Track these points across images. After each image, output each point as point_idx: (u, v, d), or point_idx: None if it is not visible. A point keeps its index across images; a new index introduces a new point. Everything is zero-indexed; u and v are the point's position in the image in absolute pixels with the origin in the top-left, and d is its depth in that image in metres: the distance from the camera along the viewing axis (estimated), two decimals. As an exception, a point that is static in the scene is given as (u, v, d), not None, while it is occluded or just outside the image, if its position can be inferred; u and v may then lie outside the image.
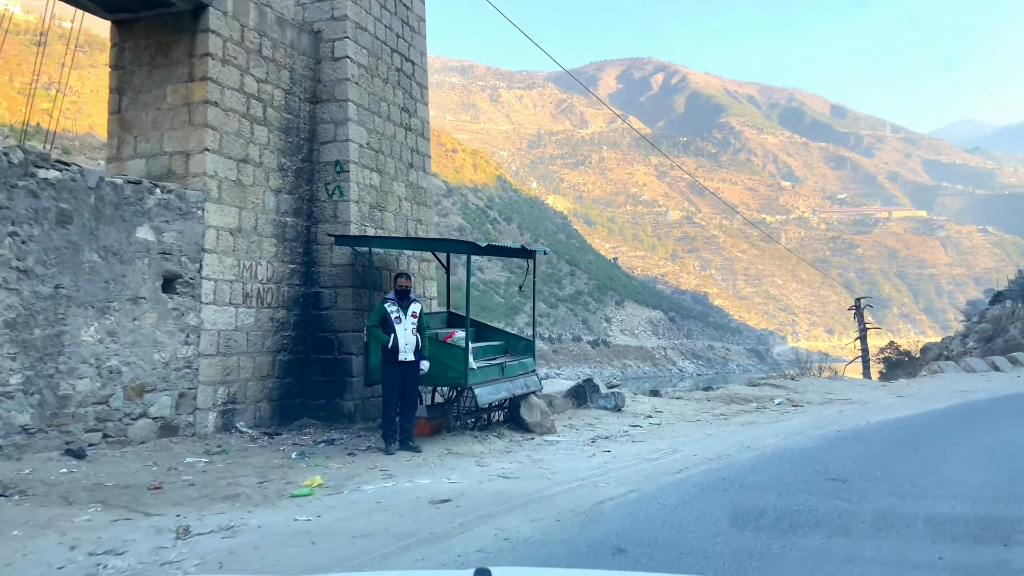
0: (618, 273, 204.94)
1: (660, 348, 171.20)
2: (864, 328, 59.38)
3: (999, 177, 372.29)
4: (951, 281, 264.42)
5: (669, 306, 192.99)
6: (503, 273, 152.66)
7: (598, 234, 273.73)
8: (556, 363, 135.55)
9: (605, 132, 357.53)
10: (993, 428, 8.96)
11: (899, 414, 10.24)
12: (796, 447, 7.69)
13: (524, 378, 8.69)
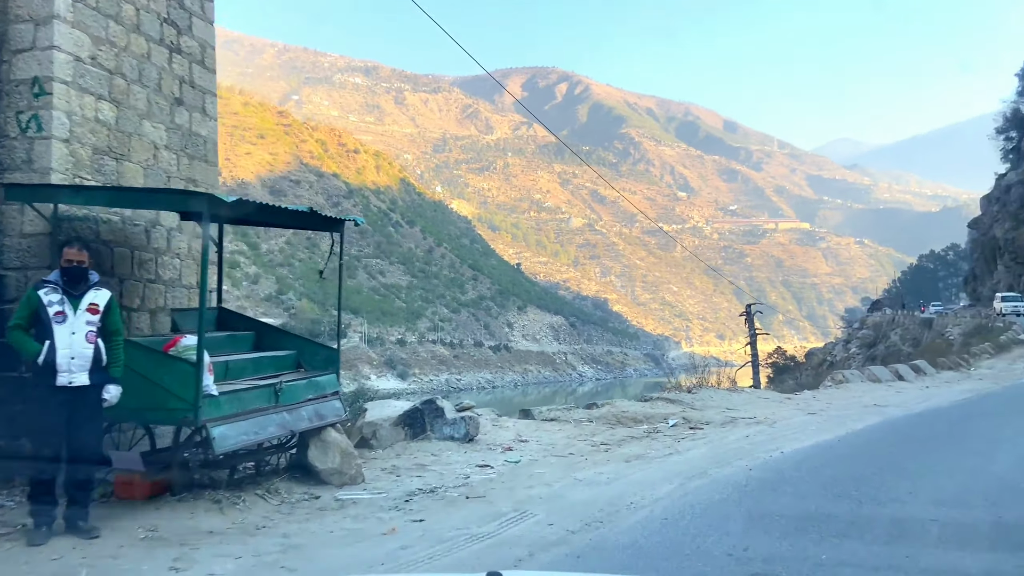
0: (521, 279, 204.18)
1: (561, 353, 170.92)
2: (754, 333, 59.13)
3: (874, 193, 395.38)
4: (831, 289, 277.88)
5: (570, 312, 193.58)
6: (405, 277, 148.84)
7: (502, 239, 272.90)
8: (457, 369, 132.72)
9: (510, 139, 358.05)
10: (936, 457, 6.82)
11: (816, 439, 8.02)
12: (697, 503, 5.22)
13: (316, 405, 5.75)
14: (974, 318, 43.94)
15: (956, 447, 7.83)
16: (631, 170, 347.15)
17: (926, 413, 10.95)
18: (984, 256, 70.86)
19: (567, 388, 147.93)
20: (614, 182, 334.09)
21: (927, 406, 11.90)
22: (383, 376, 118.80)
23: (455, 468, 6.51)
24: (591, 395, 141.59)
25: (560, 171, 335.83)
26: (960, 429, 9.15)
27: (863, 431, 9.15)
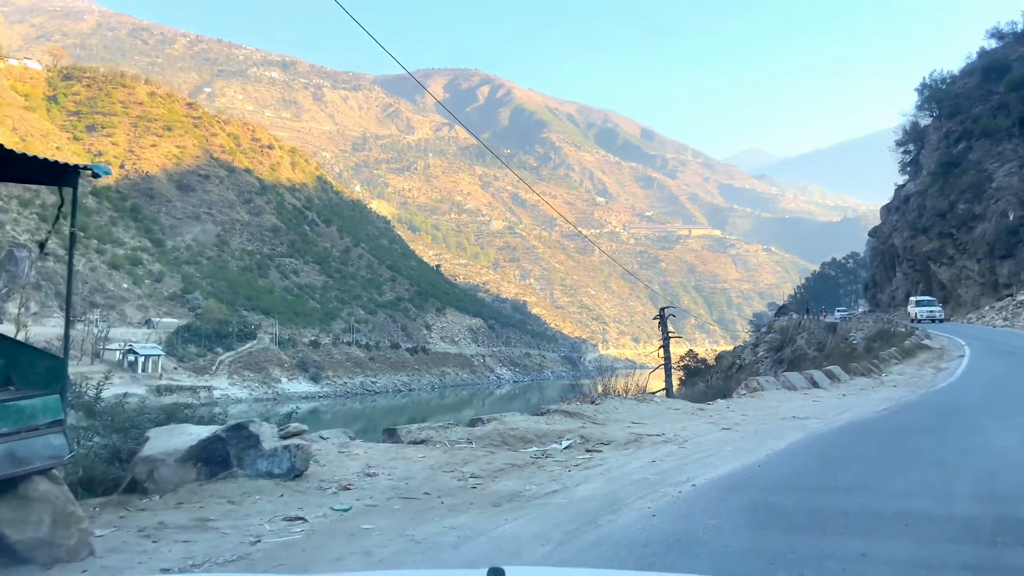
0: (440, 280, 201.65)
1: (479, 355, 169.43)
2: (667, 337, 58.82)
3: (781, 202, 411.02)
4: (740, 295, 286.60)
5: (489, 314, 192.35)
6: (320, 277, 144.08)
7: (422, 241, 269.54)
8: (372, 371, 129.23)
9: (431, 139, 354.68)
10: (879, 494, 5.33)
11: (734, 463, 6.50)
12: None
13: (10, 444, 3.67)
14: (876, 323, 44.52)
15: (899, 476, 6.43)
16: (551, 174, 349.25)
17: (850, 428, 9.67)
18: (883, 263, 73.21)
19: (485, 390, 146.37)
20: (535, 186, 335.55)
21: (849, 418, 10.67)
22: (295, 379, 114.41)
23: (252, 524, 4.62)
24: (508, 397, 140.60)
25: (481, 173, 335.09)
26: (895, 449, 7.84)
27: (786, 452, 7.69)
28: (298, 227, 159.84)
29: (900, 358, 25.31)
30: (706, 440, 8.39)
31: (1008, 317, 42.59)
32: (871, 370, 19.74)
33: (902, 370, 21.41)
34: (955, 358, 25.04)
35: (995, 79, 62.50)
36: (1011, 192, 49.32)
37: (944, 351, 27.76)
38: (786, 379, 14.17)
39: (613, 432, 8.58)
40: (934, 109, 71.16)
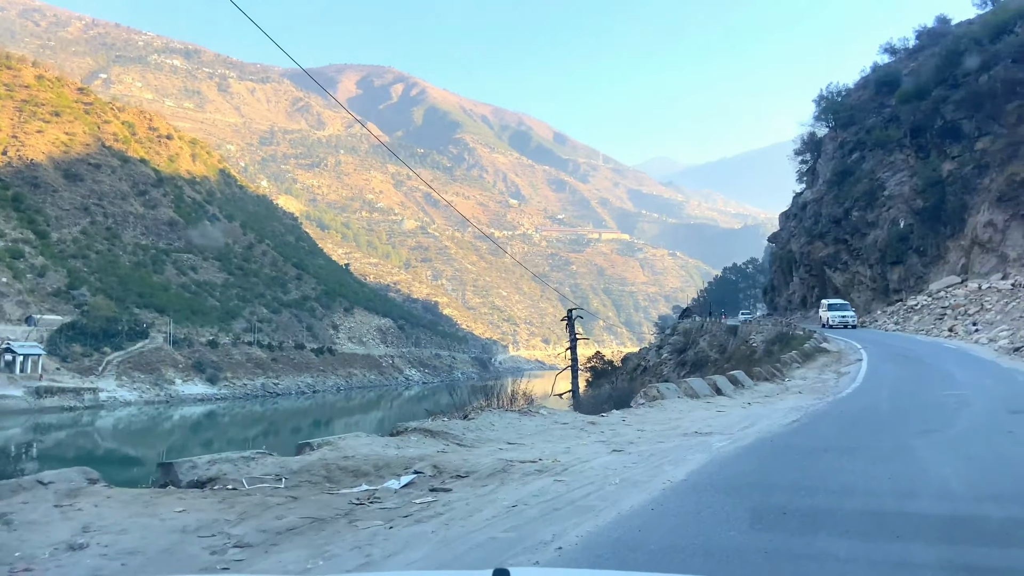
0: (349, 279, 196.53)
1: (388, 356, 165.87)
2: (575, 338, 57.82)
3: (687, 209, 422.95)
4: (647, 297, 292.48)
5: (399, 314, 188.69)
6: (221, 275, 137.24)
7: (331, 239, 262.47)
8: (275, 373, 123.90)
9: (343, 136, 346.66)
10: (799, 556, 3.66)
11: (620, 507, 4.82)
12: None
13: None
14: (775, 326, 44.74)
15: (824, 526, 4.85)
16: (465, 175, 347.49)
17: (759, 448, 8.21)
18: (781, 268, 74.91)
19: (393, 392, 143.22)
20: (448, 186, 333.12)
21: (757, 434, 9.26)
22: (190, 380, 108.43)
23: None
24: (417, 399, 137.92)
25: (394, 172, 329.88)
26: (814, 479, 6.35)
27: (685, 486, 6.07)
28: (198, 221, 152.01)
29: (801, 362, 24.73)
30: (591, 468, 6.71)
31: (899, 321, 43.55)
32: (774, 375, 18.80)
33: (804, 374, 20.65)
34: (853, 362, 24.68)
35: (887, 92, 64.70)
36: (902, 200, 50.78)
37: (842, 355, 27.52)
38: (688, 386, 12.84)
39: (478, 458, 6.80)
40: (830, 120, 73.26)
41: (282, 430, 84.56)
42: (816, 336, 32.92)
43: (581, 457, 7.07)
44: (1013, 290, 33.85)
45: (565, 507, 5.33)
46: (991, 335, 30.49)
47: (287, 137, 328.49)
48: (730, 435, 9.01)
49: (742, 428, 9.67)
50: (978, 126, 47.79)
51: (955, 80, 49.79)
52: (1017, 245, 42.25)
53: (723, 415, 10.81)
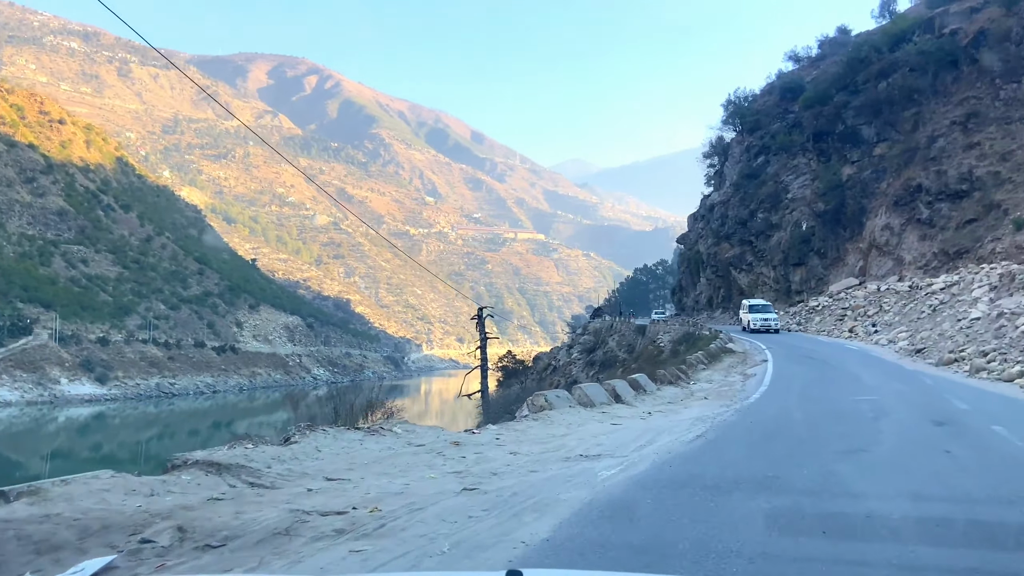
0: (256, 275, 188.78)
1: (295, 355, 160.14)
2: (485, 338, 56.05)
3: (600, 211, 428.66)
4: (561, 297, 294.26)
5: (309, 312, 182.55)
6: (115, 268, 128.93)
7: (238, 233, 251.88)
8: (171, 372, 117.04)
9: (253, 127, 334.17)
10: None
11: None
12: None
13: None
14: (682, 326, 44.24)
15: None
16: (381, 171, 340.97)
17: (655, 476, 6.50)
18: (689, 269, 75.39)
19: (300, 392, 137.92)
20: (363, 182, 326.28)
21: (655, 454, 7.61)
22: (77, 380, 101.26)
23: None
24: (325, 400, 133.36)
25: (306, 165, 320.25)
26: (723, 529, 4.61)
27: (546, 550, 4.20)
28: (90, 212, 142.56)
29: (707, 363, 23.68)
30: (420, 522, 4.79)
31: (801, 322, 43.77)
32: (679, 377, 17.45)
33: (710, 376, 19.46)
34: (759, 363, 23.85)
35: (791, 99, 65.82)
36: (804, 203, 51.38)
37: (747, 355, 26.78)
38: (582, 393, 11.15)
39: (262, 509, 4.76)
40: (737, 124, 74.20)
41: (178, 433, 79.65)
42: (722, 336, 32.28)
43: (416, 501, 5.14)
44: (910, 292, 34.15)
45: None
46: (890, 336, 30.49)
47: (192, 126, 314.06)
48: (622, 458, 7.31)
49: (638, 447, 8.01)
50: (877, 132, 48.72)
51: (856, 86, 50.73)
52: (912, 248, 43.06)
53: (619, 429, 9.15)
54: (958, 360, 20.29)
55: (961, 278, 30.52)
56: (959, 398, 13.24)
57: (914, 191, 43.97)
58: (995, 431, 9.19)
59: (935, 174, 43.19)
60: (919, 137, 45.86)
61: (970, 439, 8.72)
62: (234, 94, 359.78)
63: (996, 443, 8.41)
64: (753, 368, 21.89)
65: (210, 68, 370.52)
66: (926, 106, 46.73)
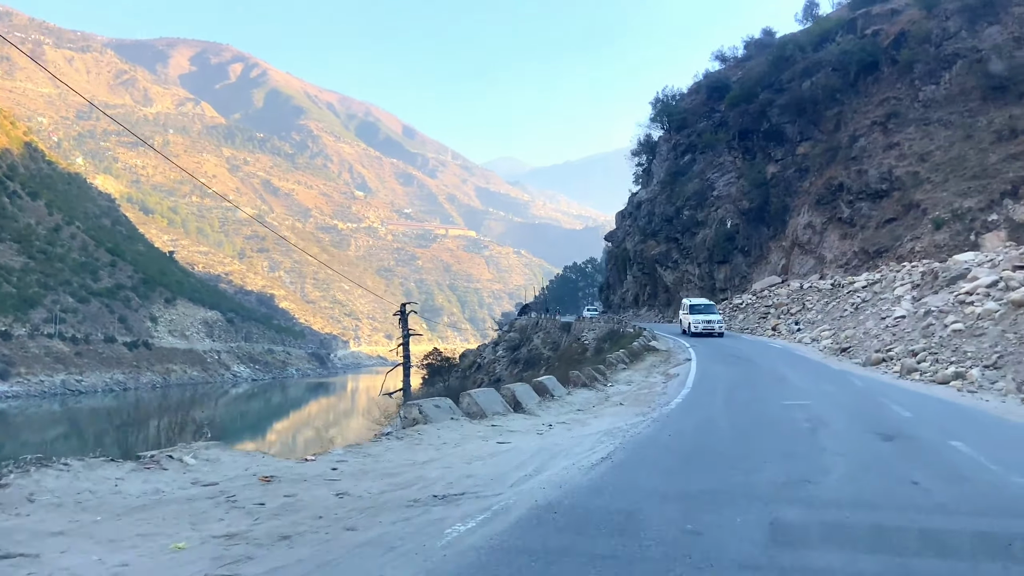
0: (173, 268, 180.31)
1: (214, 352, 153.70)
2: (407, 334, 53.59)
3: (532, 209, 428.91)
4: (491, 295, 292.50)
5: (229, 307, 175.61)
6: (19, 258, 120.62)
7: (156, 224, 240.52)
8: (79, 368, 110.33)
9: (173, 114, 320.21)
10: None
11: None
12: None
13: None
14: (607, 323, 42.92)
15: None
16: (308, 163, 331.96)
17: (522, 544, 4.39)
18: (616, 266, 74.55)
19: (218, 390, 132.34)
20: (290, 174, 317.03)
21: (540, 490, 5.66)
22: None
23: None
24: (245, 398, 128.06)
25: (230, 156, 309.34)
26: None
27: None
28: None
29: (628, 362, 22.07)
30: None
31: (724, 320, 43.13)
32: (595, 379, 15.67)
33: (630, 377, 17.78)
34: (682, 362, 22.42)
35: (718, 98, 65.60)
36: (729, 201, 50.84)
37: (671, 354, 25.40)
38: (471, 402, 9.05)
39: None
40: (665, 122, 73.73)
41: (86, 433, 74.20)
42: (646, 334, 30.90)
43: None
44: (833, 290, 33.54)
45: None
46: (813, 334, 29.68)
47: (109, 112, 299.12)
48: (493, 499, 5.30)
49: (520, 480, 6.03)
50: (800, 131, 48.50)
51: (780, 85, 50.45)
52: (834, 247, 42.82)
53: (504, 451, 7.14)
54: (886, 360, 19.23)
55: (883, 276, 29.92)
56: (898, 403, 11.84)
57: (836, 190, 43.77)
58: (957, 449, 7.65)
59: (856, 173, 43.05)
60: (841, 137, 45.78)
61: (933, 462, 7.11)
62: (154, 80, 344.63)
63: (967, 468, 6.81)
64: (676, 367, 20.39)
65: (129, 52, 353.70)
66: (848, 106, 46.71)
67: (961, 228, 34.52)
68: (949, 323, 18.34)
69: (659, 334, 32.83)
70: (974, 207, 35.32)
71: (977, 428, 9.51)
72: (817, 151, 46.29)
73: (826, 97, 47.34)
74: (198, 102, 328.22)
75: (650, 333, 31.78)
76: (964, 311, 18.31)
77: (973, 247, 31.56)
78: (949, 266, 25.26)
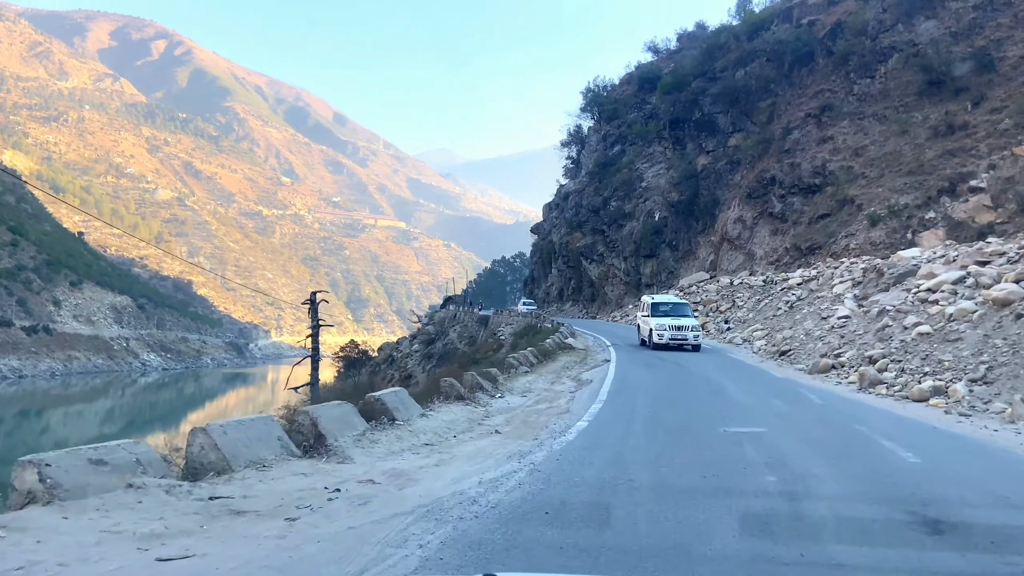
0: (82, 250, 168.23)
1: (122, 339, 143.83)
2: (317, 325, 48.57)
3: (463, 202, 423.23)
4: (420, 287, 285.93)
5: (142, 292, 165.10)
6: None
7: (67, 204, 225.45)
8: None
9: (90, 89, 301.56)
10: None
11: None
12: None
13: None
14: (525, 317, 39.19)
15: None
16: (233, 147, 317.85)
17: None
18: (542, 259, 71.08)
19: (125, 379, 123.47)
20: (214, 157, 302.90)
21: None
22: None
23: None
24: (155, 387, 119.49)
25: (149, 135, 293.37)
26: None
27: None
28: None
29: (535, 362, 18.25)
30: None
31: (649, 317, 40.08)
32: (480, 387, 11.72)
33: (530, 384, 13.93)
34: (600, 363, 18.79)
35: (649, 89, 62.83)
36: (658, 192, 47.84)
37: (588, 353, 21.79)
38: (209, 444, 4.72)
39: None
40: (596, 113, 70.65)
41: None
42: (563, 329, 27.21)
43: None
44: (765, 287, 30.62)
45: None
46: (745, 334, 26.58)
47: (20, 85, 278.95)
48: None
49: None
50: (733, 121, 45.85)
51: (714, 74, 47.69)
52: (764, 243, 40.19)
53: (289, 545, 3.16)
54: (836, 367, 16.00)
55: (819, 272, 27.04)
56: (885, 435, 8.32)
57: (767, 183, 41.16)
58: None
59: (789, 167, 40.50)
60: (774, 128, 43.23)
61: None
62: (71, 53, 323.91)
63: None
64: (591, 371, 16.70)
65: (45, 24, 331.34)
66: (782, 97, 44.25)
67: (898, 225, 32.09)
68: (910, 325, 15.22)
69: (579, 330, 29.23)
70: (911, 204, 32.97)
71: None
72: (749, 143, 43.67)
73: (760, 88, 44.77)
74: (117, 78, 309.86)
75: (568, 328, 28.07)
76: (928, 311, 15.22)
77: (910, 245, 29.03)
78: (894, 262, 22.42)
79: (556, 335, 25.39)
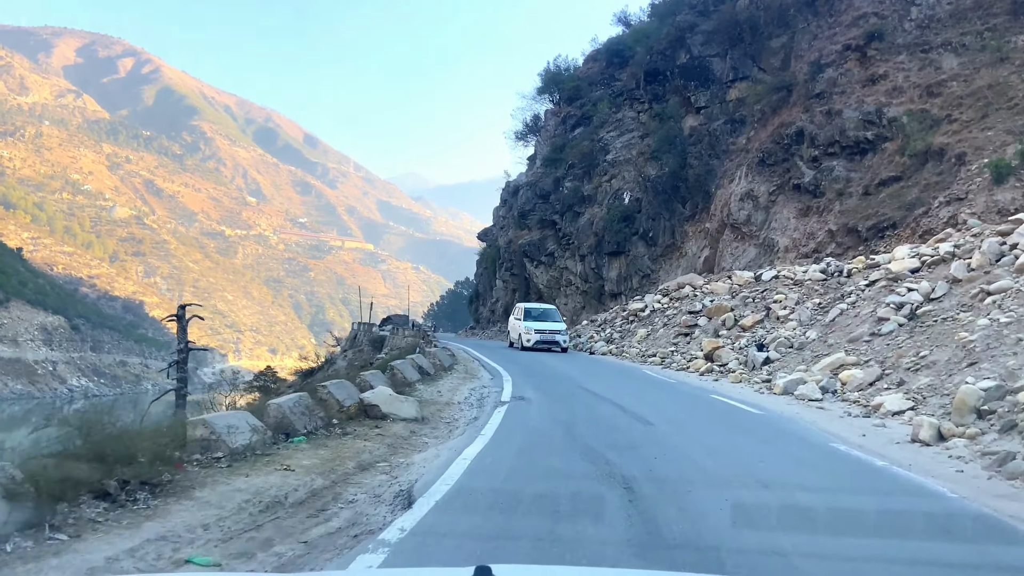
0: (19, 267, 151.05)
1: (48, 362, 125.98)
2: (187, 347, 32.28)
3: (434, 225, 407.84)
4: (387, 310, 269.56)
5: (80, 312, 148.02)
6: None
7: (16, 219, 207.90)
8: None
9: (51, 105, 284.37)
10: None
11: None
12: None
13: None
14: (415, 336, 24.47)
15: None
16: (198, 166, 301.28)
17: None
18: (488, 270, 56.41)
19: (48, 406, 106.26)
20: (178, 176, 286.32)
21: None
22: None
23: None
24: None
25: (110, 152, 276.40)
26: None
27: None
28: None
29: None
30: None
31: (613, 337, 25.60)
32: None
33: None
34: (468, 436, 4.37)
35: (619, 64, 49.06)
36: (629, 166, 33.53)
37: (446, 413, 7.41)
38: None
39: None
40: (554, 94, 56.54)
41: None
42: (432, 350, 12.72)
43: None
44: (829, 282, 16.21)
45: None
46: (818, 375, 12.20)
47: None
48: None
49: None
50: (733, 67, 31.75)
51: (706, 6, 33.64)
52: (788, 228, 25.80)
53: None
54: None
55: (958, 245, 12.58)
56: None
57: (791, 143, 26.96)
58: None
59: (823, 117, 26.37)
60: (796, 70, 29.10)
61: None
62: (33, 68, 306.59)
63: None
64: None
65: (9, 39, 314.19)
66: (804, 29, 30.21)
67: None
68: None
69: (464, 354, 14.65)
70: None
71: None
72: (760, 90, 29.47)
73: (772, 19, 30.72)
74: (80, 94, 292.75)
75: (443, 352, 13.31)
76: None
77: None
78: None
79: (405, 363, 10.47)
